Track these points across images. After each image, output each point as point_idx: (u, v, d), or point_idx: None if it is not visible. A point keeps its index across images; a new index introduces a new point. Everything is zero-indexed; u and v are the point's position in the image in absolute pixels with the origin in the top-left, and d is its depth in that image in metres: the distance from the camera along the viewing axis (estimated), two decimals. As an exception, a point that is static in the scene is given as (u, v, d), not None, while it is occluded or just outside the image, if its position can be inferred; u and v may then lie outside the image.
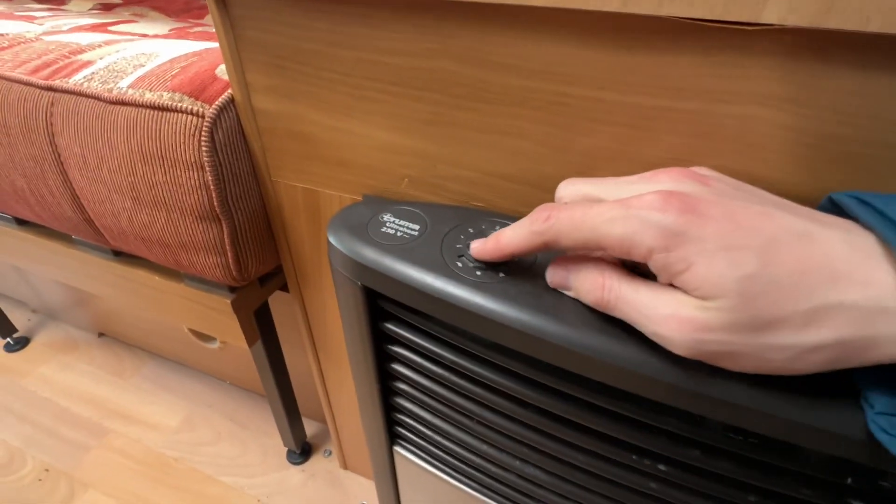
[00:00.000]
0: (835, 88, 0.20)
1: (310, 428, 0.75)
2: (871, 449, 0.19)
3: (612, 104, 0.24)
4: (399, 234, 0.28)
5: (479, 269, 0.25)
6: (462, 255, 0.26)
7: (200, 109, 0.32)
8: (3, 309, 0.90)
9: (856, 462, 0.20)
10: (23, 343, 0.93)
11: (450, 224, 0.28)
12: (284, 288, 0.49)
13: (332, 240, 0.28)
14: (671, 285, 0.19)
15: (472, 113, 0.27)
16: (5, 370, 0.88)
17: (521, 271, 0.25)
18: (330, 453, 0.74)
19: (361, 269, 0.27)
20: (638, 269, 0.21)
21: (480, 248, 0.25)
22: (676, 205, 0.18)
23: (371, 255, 0.27)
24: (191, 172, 0.34)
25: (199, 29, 0.61)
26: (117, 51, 0.40)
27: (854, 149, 0.22)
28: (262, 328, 0.51)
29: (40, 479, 0.71)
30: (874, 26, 0.17)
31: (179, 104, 0.33)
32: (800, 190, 0.23)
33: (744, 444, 0.23)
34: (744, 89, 0.22)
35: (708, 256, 0.17)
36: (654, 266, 0.19)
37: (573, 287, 0.23)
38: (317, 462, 0.73)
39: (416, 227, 0.28)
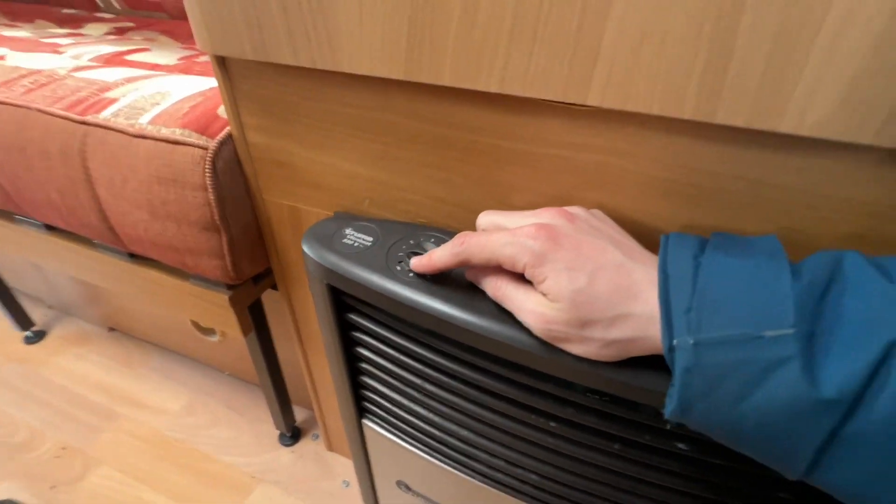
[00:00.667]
0: (654, 144, 0.29)
1: (299, 414, 0.84)
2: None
3: (510, 150, 0.32)
4: (356, 244, 0.36)
5: (412, 271, 0.34)
6: (401, 262, 0.34)
7: (205, 143, 0.41)
8: (22, 305, 0.99)
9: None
10: (40, 336, 1.01)
11: (396, 237, 0.37)
12: (276, 287, 0.58)
13: (305, 249, 0.37)
14: (539, 291, 0.27)
15: (413, 152, 0.36)
16: (25, 360, 0.97)
17: (443, 276, 0.33)
18: (317, 437, 0.82)
19: (327, 271, 0.36)
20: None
21: (417, 263, 0.33)
22: (544, 235, 0.26)
23: (334, 260, 0.35)
24: (197, 193, 0.42)
25: (204, 59, 0.70)
26: (136, 89, 0.49)
27: (676, 188, 0.30)
28: (255, 320, 0.60)
29: (58, 457, 0.80)
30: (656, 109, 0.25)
31: (189, 139, 0.41)
32: (637, 215, 0.32)
33: (601, 401, 0.31)
34: (596, 143, 0.30)
35: (557, 273, 0.25)
36: (528, 276, 0.27)
37: (480, 283, 0.31)
38: (305, 444, 0.81)
39: (370, 239, 0.37)
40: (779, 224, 0.28)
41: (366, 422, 0.49)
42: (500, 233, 0.28)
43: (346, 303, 0.39)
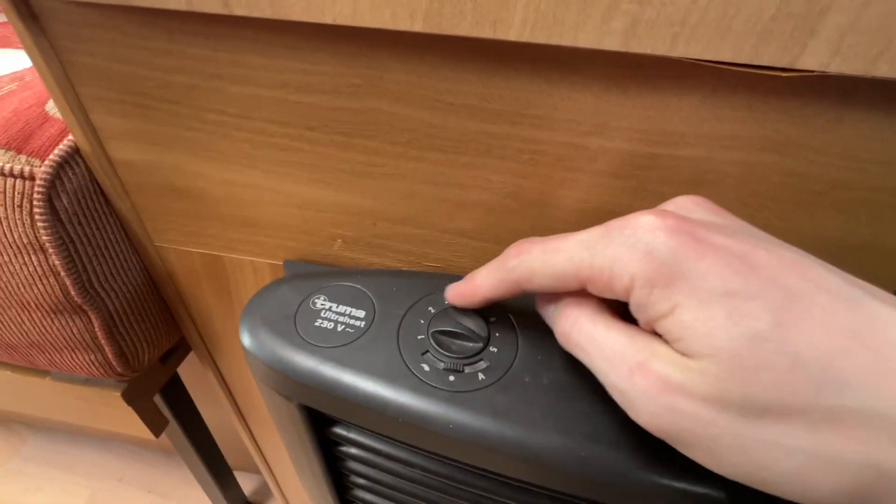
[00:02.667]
0: (851, 134, 0.17)
1: (248, 483, 0.67)
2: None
3: (597, 152, 0.19)
4: (340, 328, 0.21)
5: (452, 370, 0.20)
6: (426, 352, 0.20)
7: (26, 168, 0.23)
8: None
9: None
10: None
11: (404, 302, 0.22)
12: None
13: (248, 345, 0.21)
14: (654, 332, 0.15)
15: (420, 162, 0.21)
16: None
17: (503, 368, 0.20)
18: (276, 509, 0.66)
19: (295, 385, 0.20)
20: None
21: (454, 292, 0.21)
22: (670, 224, 0.14)
23: (306, 364, 0.20)
24: (26, 256, 0.24)
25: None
26: None
27: (861, 195, 0.19)
28: (172, 407, 0.42)
29: None
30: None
31: (-9, 163, 0.22)
32: (803, 239, 0.21)
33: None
34: (750, 134, 0.18)
35: (701, 298, 0.13)
36: (634, 304, 0.14)
37: (550, 319, 0.18)
38: (262, 521, 0.65)
39: (361, 313, 0.22)
40: None
41: (360, 536, 0.35)
42: (583, 232, 0.16)
43: (326, 416, 0.24)
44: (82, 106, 0.22)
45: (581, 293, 0.17)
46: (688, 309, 0.13)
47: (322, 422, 0.24)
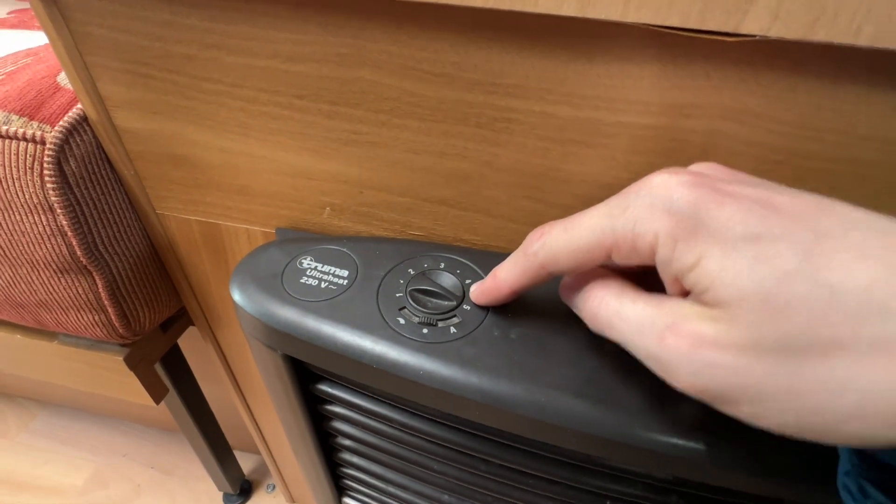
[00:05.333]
0: (805, 103, 0.18)
1: (247, 462, 0.68)
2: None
3: (567, 120, 0.20)
4: (324, 284, 0.23)
5: (426, 324, 0.21)
6: (403, 308, 0.22)
7: (38, 133, 0.24)
8: None
9: None
10: None
11: (386, 265, 0.24)
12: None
13: (237, 298, 0.23)
14: (682, 294, 0.15)
15: (402, 131, 0.23)
16: None
17: (474, 324, 0.21)
18: (273, 488, 0.67)
19: (279, 335, 0.22)
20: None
21: (478, 291, 0.21)
22: (686, 179, 0.14)
23: (290, 316, 0.22)
24: (36, 216, 0.26)
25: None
26: (-88, 50, 0.30)
27: (819, 165, 0.20)
28: (172, 377, 0.43)
29: None
30: (864, 40, 0.15)
31: (5, 127, 0.24)
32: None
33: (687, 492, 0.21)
34: (710, 102, 0.19)
35: (724, 245, 0.13)
36: (660, 263, 0.14)
37: (576, 305, 0.18)
38: (260, 500, 0.67)
39: (345, 273, 0.23)
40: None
41: (348, 501, 0.37)
42: (600, 204, 0.16)
43: (311, 371, 0.25)
44: (90, 75, 0.24)
45: (604, 274, 0.17)
46: (712, 258, 0.13)
47: (307, 377, 0.25)
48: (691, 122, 0.20)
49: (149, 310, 0.33)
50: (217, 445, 0.58)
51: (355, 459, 0.31)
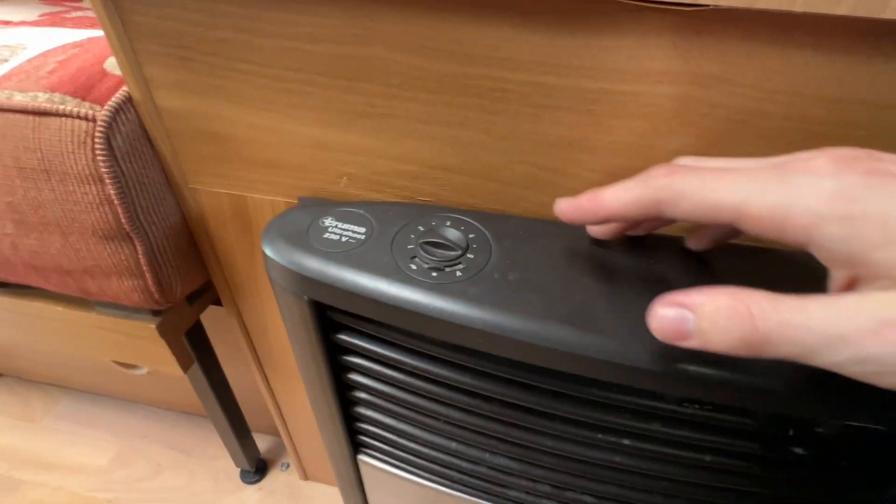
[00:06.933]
0: (759, 67, 0.21)
1: (262, 442, 0.71)
2: (807, 402, 0.20)
3: (554, 89, 0.23)
4: (344, 239, 0.26)
5: (435, 269, 0.24)
6: (415, 257, 0.25)
7: (90, 112, 0.28)
8: None
9: (795, 415, 0.22)
10: None
11: (398, 223, 0.27)
12: (218, 302, 0.45)
13: (268, 252, 0.26)
14: (849, 284, 0.14)
15: (410, 103, 0.26)
16: None
17: (476, 269, 0.24)
18: (288, 466, 0.70)
19: (306, 281, 0.25)
20: None
21: (570, 205, 0.20)
22: (854, 166, 0.14)
23: (315, 265, 0.25)
24: (87, 187, 0.29)
25: (79, 13, 0.53)
26: (-30, 44, 0.33)
27: (777, 123, 0.23)
28: (196, 350, 0.47)
29: (-59, 552, 0.62)
30: (799, 6, 0.18)
31: (61, 107, 0.27)
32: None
33: (698, 412, 0.24)
34: (678, 69, 0.22)
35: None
36: (823, 243, 0.14)
37: (700, 330, 0.15)
38: (274, 477, 0.69)
39: (362, 229, 0.26)
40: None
41: (363, 458, 0.39)
42: (747, 168, 0.16)
43: (333, 320, 0.28)
44: (137, 60, 0.27)
45: (715, 286, 0.15)
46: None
47: (328, 326, 0.28)
48: (663, 87, 0.23)
49: (181, 279, 0.36)
50: (235, 423, 0.61)
51: (370, 413, 0.34)
